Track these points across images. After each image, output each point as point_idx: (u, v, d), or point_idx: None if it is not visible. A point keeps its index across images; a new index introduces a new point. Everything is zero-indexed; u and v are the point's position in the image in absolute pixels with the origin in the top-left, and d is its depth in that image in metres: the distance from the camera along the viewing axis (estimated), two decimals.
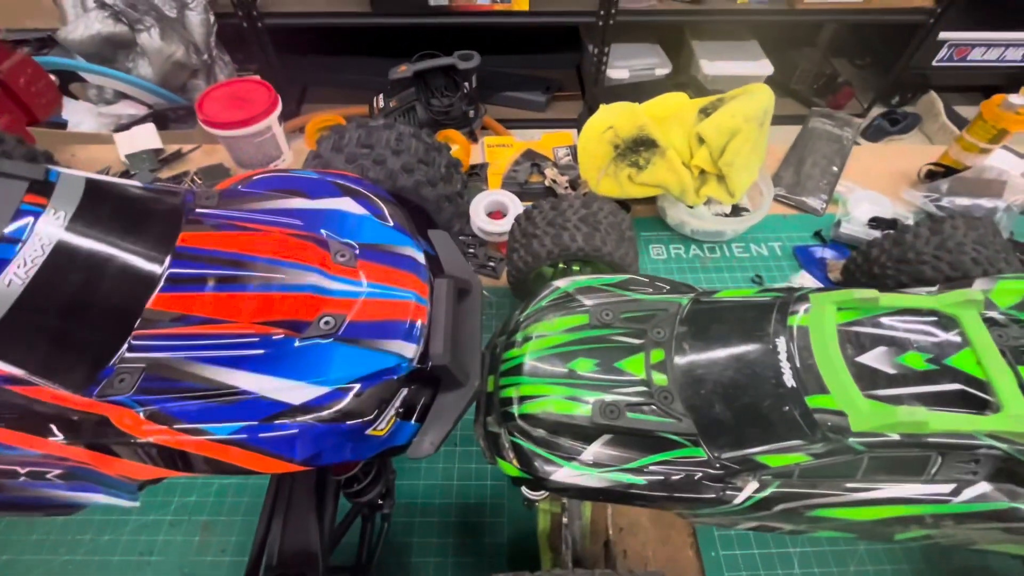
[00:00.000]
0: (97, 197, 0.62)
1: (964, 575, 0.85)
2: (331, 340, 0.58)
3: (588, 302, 0.77)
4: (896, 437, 0.59)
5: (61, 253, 0.56)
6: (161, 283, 0.59)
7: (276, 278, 0.61)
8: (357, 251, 0.66)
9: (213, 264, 0.61)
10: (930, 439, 0.59)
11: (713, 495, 0.65)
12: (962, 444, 0.59)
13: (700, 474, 0.65)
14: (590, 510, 0.91)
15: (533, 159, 1.47)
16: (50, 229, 0.57)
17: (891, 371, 0.63)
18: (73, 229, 0.58)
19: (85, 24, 2.05)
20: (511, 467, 0.71)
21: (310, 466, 0.55)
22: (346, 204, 0.71)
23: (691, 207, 1.25)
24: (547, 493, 0.76)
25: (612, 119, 1.19)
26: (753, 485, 0.65)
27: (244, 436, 0.52)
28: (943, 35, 2.80)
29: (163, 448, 0.53)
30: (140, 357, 0.55)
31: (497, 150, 1.51)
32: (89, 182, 0.63)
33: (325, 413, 0.54)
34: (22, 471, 0.57)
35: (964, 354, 0.63)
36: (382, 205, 0.72)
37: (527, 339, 0.75)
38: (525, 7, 2.44)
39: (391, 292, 0.64)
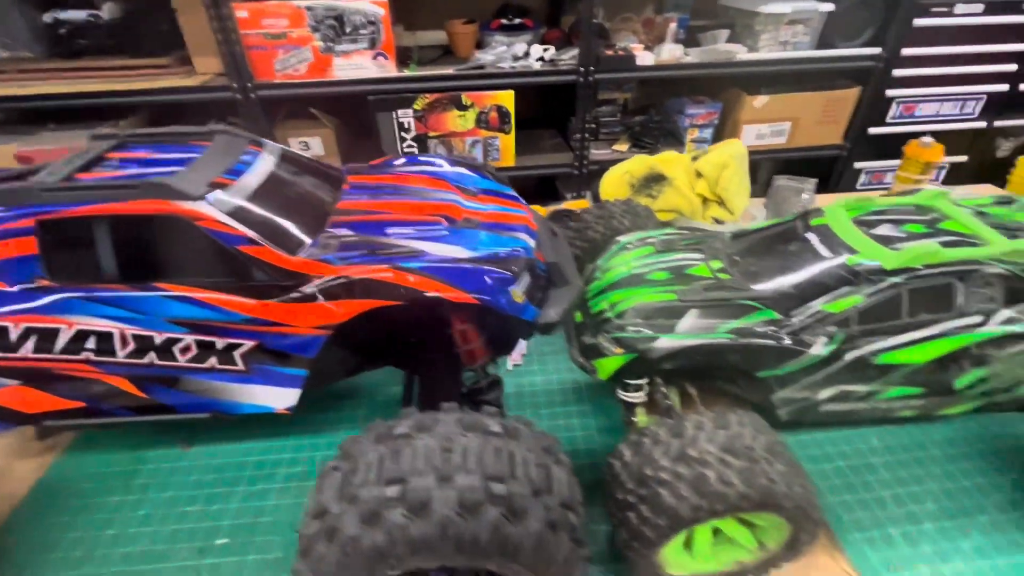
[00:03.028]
0: (288, 155, 0.84)
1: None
2: (477, 227, 0.76)
3: (651, 239, 0.97)
4: (921, 268, 0.75)
5: (274, 175, 0.76)
6: (342, 196, 0.78)
7: (426, 194, 0.81)
8: (476, 190, 0.87)
9: (377, 189, 0.81)
10: (947, 268, 0.75)
11: (791, 345, 0.77)
12: (972, 269, 0.75)
13: (776, 329, 0.77)
14: None
15: None
16: (267, 160, 0.77)
17: (899, 234, 0.81)
18: (279, 165, 0.79)
19: None
20: (614, 360, 0.82)
21: (476, 299, 0.67)
22: (463, 169, 0.93)
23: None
24: (645, 393, 0.85)
25: (627, 167, 1.51)
26: (823, 339, 0.78)
27: (428, 268, 0.66)
28: (858, 164, 3.47)
29: (362, 281, 0.66)
30: (336, 234, 0.71)
31: None
32: (284, 149, 0.85)
33: (484, 264, 0.69)
34: (214, 357, 0.68)
35: (949, 222, 0.83)
36: (487, 173, 0.95)
37: (607, 271, 0.92)
38: (512, 163, 2.86)
39: (509, 210, 0.83)
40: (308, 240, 0.70)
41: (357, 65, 1.95)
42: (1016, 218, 0.89)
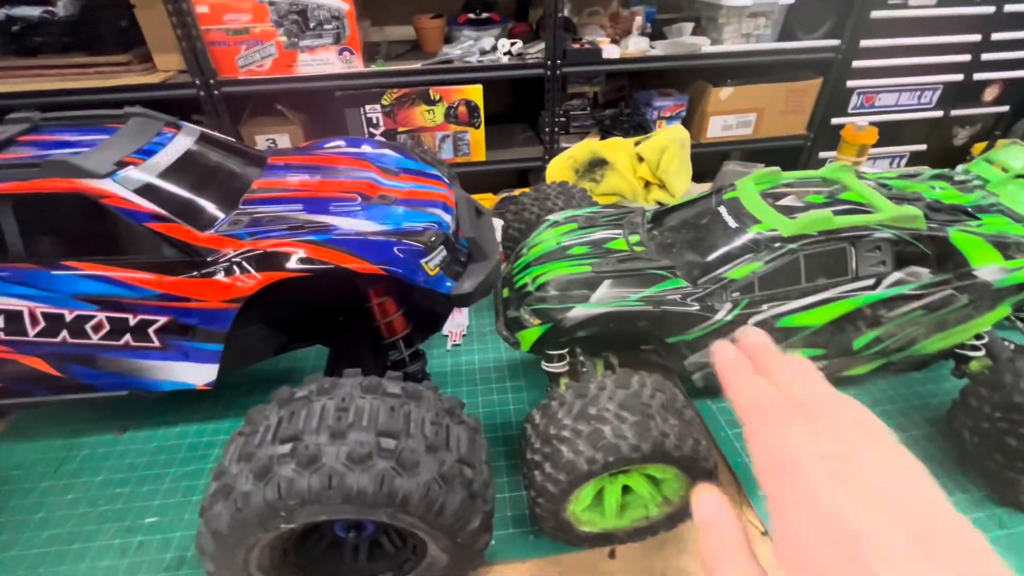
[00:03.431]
0: (208, 136, 0.85)
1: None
2: (392, 204, 0.78)
3: (577, 216, 1.00)
4: (816, 235, 0.79)
5: (190, 155, 0.77)
6: (259, 175, 0.79)
7: (343, 172, 0.82)
8: (396, 169, 0.89)
9: (296, 168, 0.82)
10: (839, 234, 0.80)
11: (698, 311, 0.80)
12: (862, 234, 0.80)
13: (684, 295, 0.81)
14: None
15: None
16: (183, 141, 0.78)
17: (801, 204, 0.86)
18: (196, 145, 0.80)
19: None
20: (533, 331, 0.85)
21: (382, 270, 0.69)
22: (386, 150, 0.95)
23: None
24: (566, 364, 0.88)
25: (571, 152, 1.54)
26: (727, 305, 0.81)
27: (335, 240, 0.68)
28: (822, 154, 3.57)
29: (269, 253, 0.67)
30: (248, 210, 0.73)
31: None
32: (203, 131, 0.86)
33: (394, 236, 0.72)
34: (128, 334, 0.69)
35: (848, 193, 0.87)
36: (412, 153, 0.97)
37: (533, 246, 0.95)
38: (483, 158, 2.88)
39: (427, 187, 0.85)
40: (221, 216, 0.71)
41: (322, 60, 1.94)
42: (915, 188, 0.94)
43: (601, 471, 0.64)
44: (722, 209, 0.90)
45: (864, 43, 2.60)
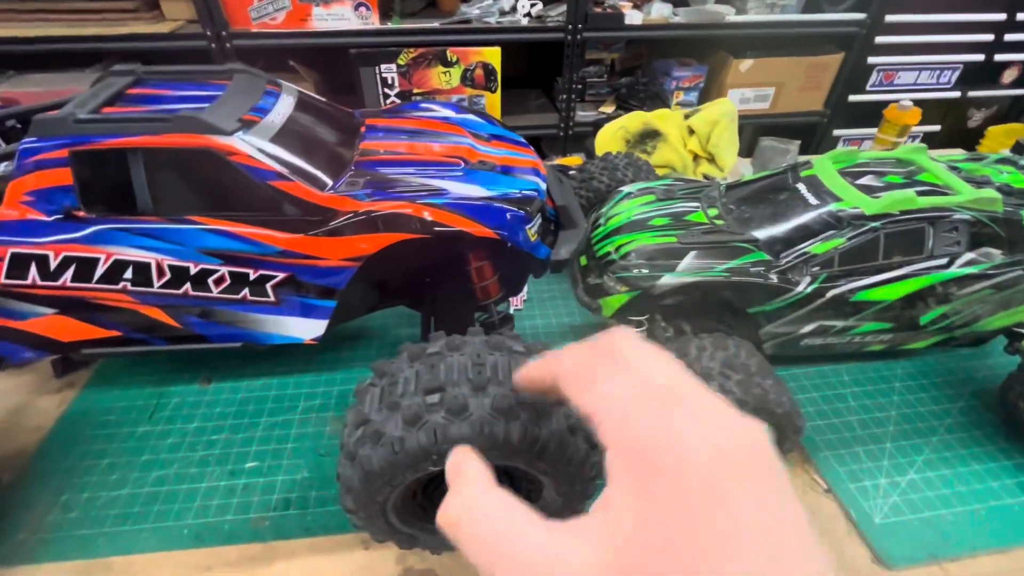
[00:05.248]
0: (305, 96, 0.85)
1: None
2: (492, 169, 0.80)
3: (652, 188, 1.02)
4: (897, 214, 0.83)
5: (296, 114, 0.78)
6: (361, 136, 0.80)
7: (442, 136, 0.84)
8: (487, 135, 0.90)
9: (396, 131, 0.84)
10: (920, 214, 0.83)
11: (778, 283, 0.84)
12: (943, 215, 0.83)
13: (766, 268, 0.85)
14: None
15: None
16: (287, 100, 0.79)
17: (880, 184, 0.89)
18: (298, 106, 0.81)
19: None
20: (618, 298, 0.88)
21: (496, 233, 0.72)
22: (470, 115, 0.96)
23: None
24: (645, 330, 0.93)
25: (622, 122, 1.54)
26: (807, 279, 0.85)
27: (453, 204, 0.71)
28: (836, 132, 3.55)
29: (392, 215, 0.70)
30: (363, 172, 0.75)
31: None
32: (300, 90, 0.87)
33: (501, 202, 0.74)
34: (246, 288, 0.72)
35: (925, 175, 0.90)
36: (495, 120, 0.98)
37: (611, 217, 0.98)
38: None
39: (520, 155, 0.87)
40: (334, 177, 0.73)
41: (337, 15, 1.88)
42: (983, 172, 0.97)
43: None
44: (800, 186, 0.93)
45: (889, 18, 2.57)
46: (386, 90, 2.02)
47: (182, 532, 0.78)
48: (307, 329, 0.78)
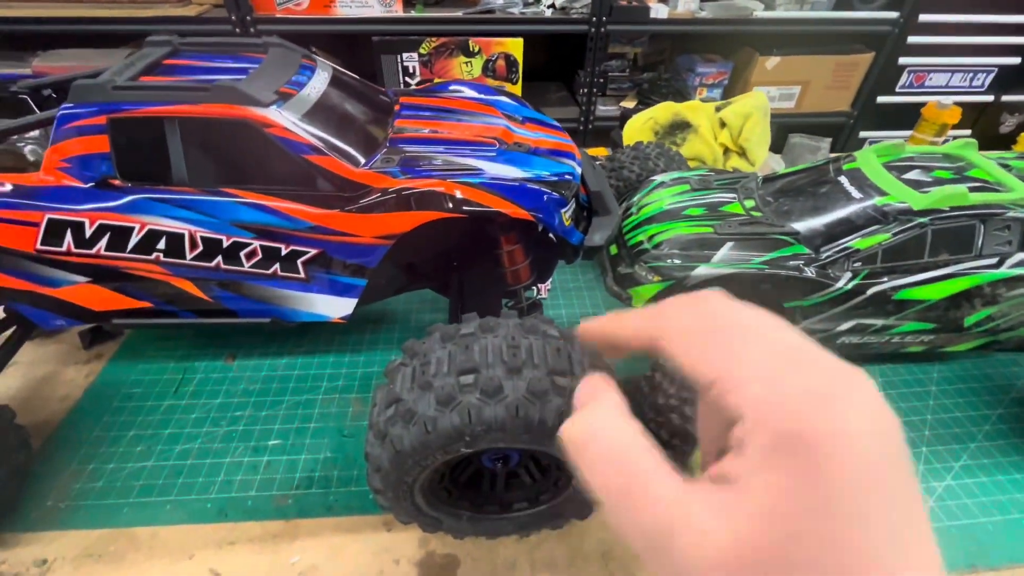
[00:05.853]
0: (339, 72, 0.84)
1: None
2: (527, 151, 0.78)
3: (686, 178, 0.99)
4: (947, 210, 0.80)
5: (331, 89, 0.77)
6: (396, 114, 0.79)
7: (476, 116, 0.82)
8: (521, 118, 0.89)
9: (431, 110, 0.82)
10: (971, 210, 0.80)
11: (818, 278, 0.82)
12: (994, 212, 0.80)
13: (806, 263, 0.82)
14: None
15: None
16: (322, 75, 0.78)
17: (928, 179, 0.85)
18: (332, 81, 0.80)
19: None
20: (650, 288, 0.86)
21: (532, 216, 0.70)
22: (502, 97, 0.94)
23: None
24: None
25: (651, 113, 1.51)
26: (848, 274, 0.82)
27: (489, 184, 0.69)
28: (863, 133, 3.45)
29: (428, 192, 0.68)
30: (398, 149, 0.73)
31: None
32: (334, 66, 0.85)
33: (538, 184, 0.72)
34: (277, 264, 0.71)
35: (975, 171, 0.87)
36: (527, 103, 0.96)
37: (643, 206, 0.96)
38: None
39: (555, 138, 0.85)
40: (368, 154, 0.72)
41: (361, 3, 1.88)
42: None
43: None
44: (843, 179, 0.90)
45: (923, 17, 2.48)
46: (407, 79, 2.01)
47: (206, 506, 0.78)
48: (336, 308, 0.78)
